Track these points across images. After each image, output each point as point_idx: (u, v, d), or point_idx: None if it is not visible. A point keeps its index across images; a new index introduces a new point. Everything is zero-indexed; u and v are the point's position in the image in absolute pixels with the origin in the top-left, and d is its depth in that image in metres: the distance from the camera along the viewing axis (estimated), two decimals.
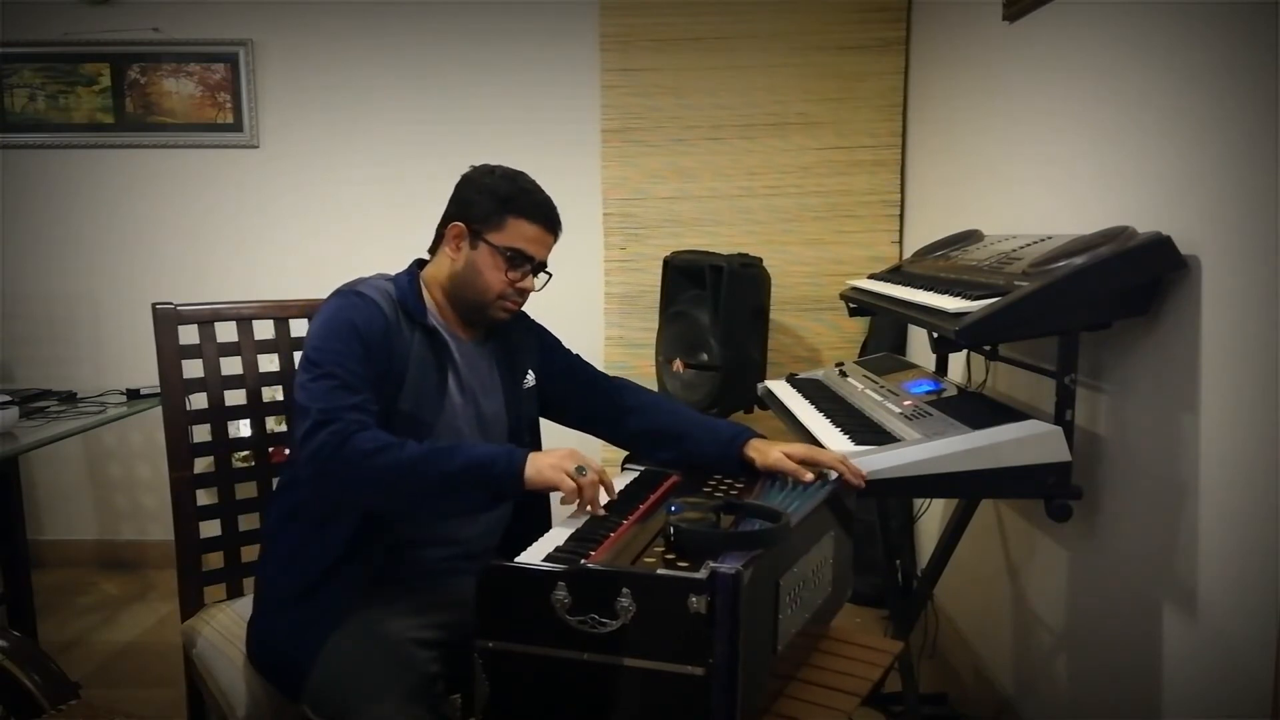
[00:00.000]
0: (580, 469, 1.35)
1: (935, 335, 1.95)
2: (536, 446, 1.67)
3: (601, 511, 1.36)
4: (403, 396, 1.46)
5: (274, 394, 1.86)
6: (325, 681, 1.35)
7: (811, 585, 1.33)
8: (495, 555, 1.55)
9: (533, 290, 1.57)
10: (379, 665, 1.34)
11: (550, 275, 1.59)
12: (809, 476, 1.44)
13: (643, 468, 1.62)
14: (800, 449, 1.49)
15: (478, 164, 1.59)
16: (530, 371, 1.66)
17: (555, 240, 1.57)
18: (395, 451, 1.33)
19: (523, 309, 1.64)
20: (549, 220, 1.54)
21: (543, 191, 1.55)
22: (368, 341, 1.42)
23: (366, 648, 1.37)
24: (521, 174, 1.56)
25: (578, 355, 1.74)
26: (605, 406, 1.67)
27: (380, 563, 1.45)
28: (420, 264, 1.62)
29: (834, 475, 1.46)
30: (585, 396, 1.69)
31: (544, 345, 1.71)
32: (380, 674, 1.33)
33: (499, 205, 1.51)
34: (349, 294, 1.48)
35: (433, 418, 1.49)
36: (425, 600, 1.47)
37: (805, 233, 3.19)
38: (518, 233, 1.51)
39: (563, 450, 1.38)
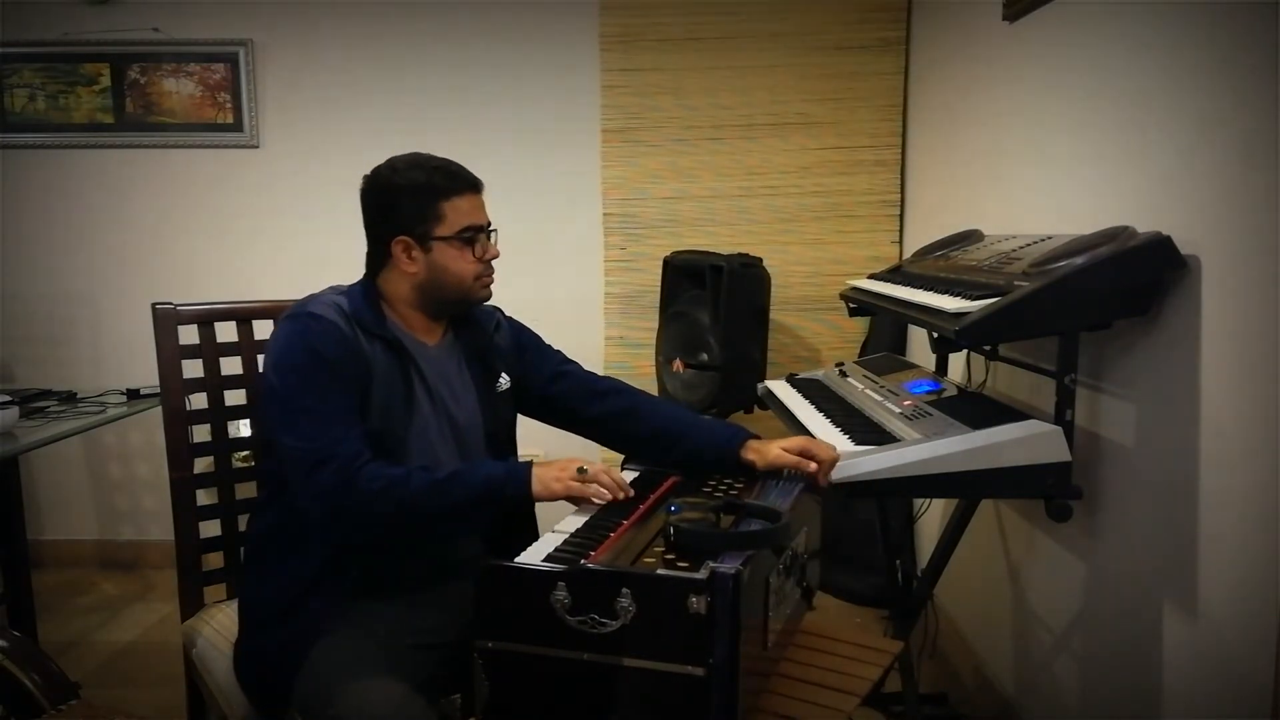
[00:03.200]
0: (581, 469, 1.38)
1: (935, 335, 1.95)
2: (513, 450, 1.65)
3: (621, 495, 1.39)
4: (370, 413, 1.41)
5: None
6: (315, 684, 1.33)
7: (790, 583, 1.34)
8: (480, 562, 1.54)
9: (497, 255, 1.54)
10: (371, 666, 1.33)
11: (495, 229, 1.54)
12: (813, 467, 1.46)
13: (642, 468, 1.62)
14: (797, 442, 1.50)
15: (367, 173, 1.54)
16: (504, 374, 1.62)
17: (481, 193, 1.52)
18: (402, 487, 1.33)
19: (499, 310, 1.64)
20: (472, 183, 1.50)
21: (449, 160, 1.50)
22: (333, 364, 1.38)
23: (356, 650, 1.35)
24: (419, 154, 1.50)
25: (560, 353, 1.70)
26: (599, 410, 1.63)
27: (360, 576, 1.43)
28: (373, 273, 1.54)
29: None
30: (577, 399, 1.65)
31: (523, 346, 1.67)
32: (372, 675, 1.31)
33: (425, 199, 1.46)
34: (301, 316, 1.42)
35: (403, 430, 1.45)
36: (411, 607, 1.46)
37: (805, 233, 3.19)
38: (457, 212, 1.47)
39: (560, 461, 1.40)
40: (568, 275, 3.23)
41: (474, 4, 3.19)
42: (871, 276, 2.25)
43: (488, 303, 1.59)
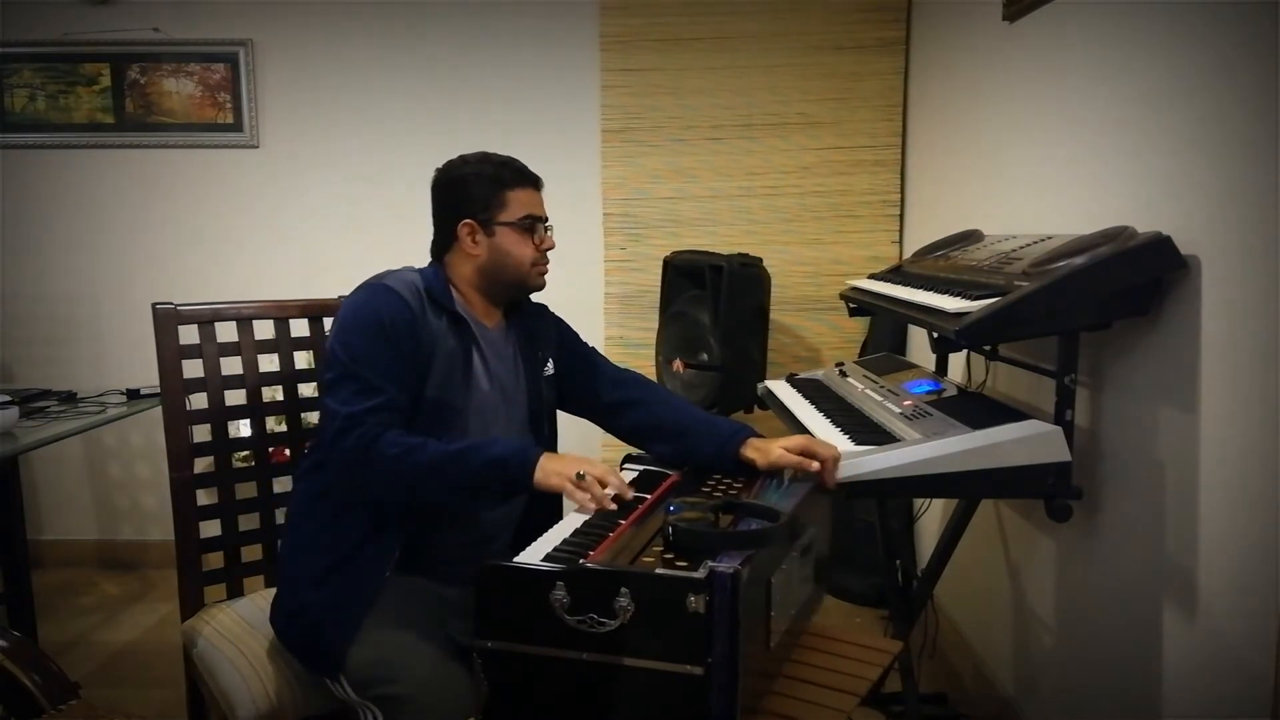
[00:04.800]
0: (580, 475, 1.40)
1: (935, 335, 1.95)
2: (553, 433, 1.73)
3: (611, 506, 1.40)
4: (430, 384, 1.49)
5: (274, 394, 1.86)
6: (365, 657, 1.40)
7: (797, 582, 1.34)
8: (511, 540, 1.60)
9: (553, 245, 1.63)
10: (416, 636, 1.41)
11: (551, 225, 1.66)
12: (815, 466, 1.47)
13: (642, 467, 1.63)
14: (797, 441, 1.51)
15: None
16: (550, 360, 1.71)
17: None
18: (417, 454, 1.39)
19: (546, 306, 1.73)
20: (534, 180, 1.64)
21: (513, 158, 1.63)
22: (393, 334, 1.46)
23: (402, 622, 1.43)
24: (486, 152, 1.63)
25: (593, 348, 1.79)
26: (612, 397, 1.71)
27: (403, 543, 1.49)
28: (438, 258, 1.65)
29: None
30: (599, 383, 1.72)
31: (562, 335, 1.77)
32: (418, 643, 1.40)
33: (492, 188, 1.57)
34: (375, 287, 1.52)
35: (461, 403, 1.54)
36: (450, 576, 1.53)
37: (805, 233, 3.19)
38: (520, 202, 1.59)
39: (570, 458, 1.44)
40: (568, 275, 3.23)
41: (474, 4, 3.19)
42: (871, 276, 2.25)
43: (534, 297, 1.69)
